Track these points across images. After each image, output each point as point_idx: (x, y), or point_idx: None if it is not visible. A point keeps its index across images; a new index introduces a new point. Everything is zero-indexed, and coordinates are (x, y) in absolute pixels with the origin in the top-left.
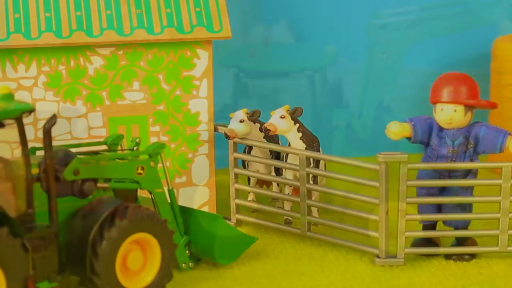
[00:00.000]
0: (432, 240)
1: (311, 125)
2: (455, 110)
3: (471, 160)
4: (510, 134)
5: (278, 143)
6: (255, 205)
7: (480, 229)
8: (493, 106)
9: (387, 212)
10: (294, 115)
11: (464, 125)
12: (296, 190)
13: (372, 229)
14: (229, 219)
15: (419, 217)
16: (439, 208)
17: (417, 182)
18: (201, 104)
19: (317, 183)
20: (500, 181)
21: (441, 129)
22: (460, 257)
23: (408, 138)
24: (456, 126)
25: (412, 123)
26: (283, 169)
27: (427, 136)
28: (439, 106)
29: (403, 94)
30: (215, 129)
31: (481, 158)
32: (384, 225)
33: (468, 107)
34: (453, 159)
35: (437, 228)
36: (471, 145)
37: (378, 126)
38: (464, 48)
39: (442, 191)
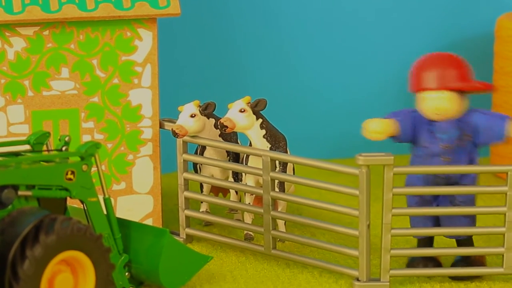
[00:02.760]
0: (433, 257)
1: (276, 120)
2: (443, 98)
3: (470, 155)
4: (509, 118)
5: (237, 142)
6: (209, 218)
7: (481, 247)
8: (490, 88)
9: (368, 226)
10: (256, 108)
11: (457, 114)
12: (258, 199)
13: (350, 246)
14: (178, 234)
15: (406, 231)
16: (436, 218)
17: (405, 189)
18: (143, 95)
19: (284, 191)
20: (505, 188)
21: (430, 122)
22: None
23: (392, 137)
24: (447, 117)
25: (397, 118)
26: (243, 174)
27: (414, 133)
28: (423, 95)
29: (386, 85)
30: (161, 126)
31: (483, 161)
32: (365, 242)
33: (459, 92)
34: (449, 157)
35: (436, 242)
36: (468, 137)
37: (358, 122)
38: (461, 28)
39: (437, 197)
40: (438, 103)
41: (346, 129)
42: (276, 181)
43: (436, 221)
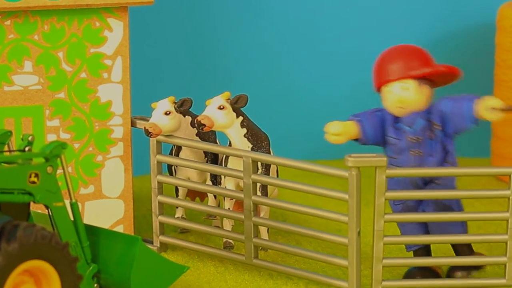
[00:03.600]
0: (431, 268)
1: (258, 118)
2: (405, 88)
3: (444, 147)
4: (478, 98)
5: (216, 142)
6: (185, 224)
7: (481, 256)
8: (456, 72)
9: (359, 233)
10: (237, 105)
11: (422, 105)
12: (239, 204)
13: (339, 256)
14: (151, 242)
15: (400, 239)
16: (425, 225)
17: (398, 193)
18: (114, 91)
19: (267, 195)
20: (508, 192)
21: (396, 118)
22: (466, 272)
23: (356, 140)
24: (412, 110)
25: (357, 119)
26: (222, 177)
27: (380, 133)
28: (384, 89)
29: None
30: (133, 124)
31: (483, 162)
32: (355, 250)
33: (421, 81)
34: (419, 150)
35: (434, 251)
36: (437, 127)
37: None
38: (459, 18)
39: (420, 202)
40: (401, 95)
41: None
42: (258, 185)
43: (426, 227)
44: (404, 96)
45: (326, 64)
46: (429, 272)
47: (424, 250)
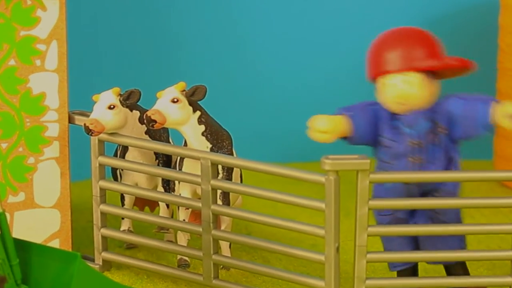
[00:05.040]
0: None
1: (219, 114)
2: (407, 82)
3: (447, 153)
4: (495, 101)
5: (169, 142)
6: (132, 238)
7: (482, 275)
8: (468, 66)
9: (338, 249)
10: (193, 98)
11: (426, 102)
12: (196, 215)
13: (314, 276)
14: (92, 260)
15: (386, 256)
16: (415, 242)
17: (384, 202)
18: (48, 81)
19: (229, 204)
20: None
21: (393, 116)
22: None
23: (347, 138)
24: (414, 107)
25: (348, 113)
26: (176, 182)
27: (373, 131)
28: (382, 81)
29: (361, 71)
30: (70, 120)
31: (485, 165)
32: (333, 269)
33: (429, 75)
34: (420, 156)
35: (425, 271)
36: (443, 130)
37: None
38: None
39: (413, 212)
40: (402, 89)
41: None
42: (219, 191)
43: (415, 244)
44: (406, 90)
45: (300, 51)
46: None
47: (411, 271)
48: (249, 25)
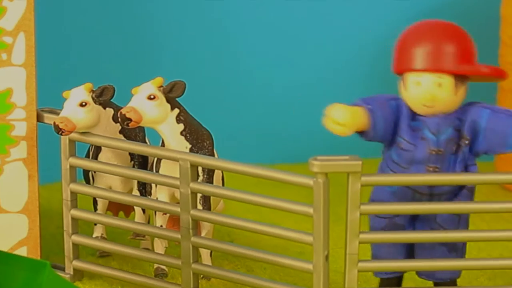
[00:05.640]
0: None
1: (199, 112)
2: (439, 84)
3: (466, 167)
4: None
5: (145, 142)
6: (105, 246)
7: (482, 286)
8: (502, 75)
9: (327, 257)
10: (171, 94)
11: (453, 107)
12: (174, 221)
13: (301, 286)
14: (62, 269)
15: (378, 265)
16: (409, 250)
17: (378, 206)
18: (15, 77)
19: (209, 209)
20: None
21: (414, 116)
22: None
23: (362, 133)
24: (441, 111)
25: (369, 106)
26: (153, 185)
27: (391, 128)
28: (411, 77)
29: (353, 66)
30: (39, 118)
31: (485, 167)
32: (322, 279)
33: (460, 78)
34: (437, 166)
35: (406, 282)
36: (466, 141)
37: (313, 117)
38: None
39: (414, 221)
40: (431, 91)
41: (297, 126)
42: (199, 195)
43: (410, 254)
44: (434, 93)
45: (286, 48)
46: None
47: (397, 280)
48: (234, 18)
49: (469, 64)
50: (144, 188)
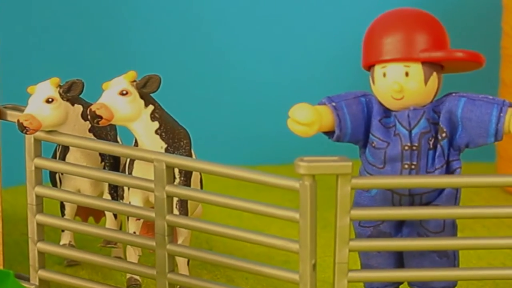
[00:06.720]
0: None
1: (176, 109)
2: (406, 73)
3: (447, 162)
4: (508, 105)
5: (116, 141)
6: (74, 254)
7: None
8: (477, 59)
9: (314, 266)
10: (146, 89)
11: (427, 99)
12: (148, 227)
13: None
14: (27, 279)
15: (370, 275)
16: (398, 258)
17: (368, 211)
18: None
19: (187, 214)
20: None
21: (386, 111)
22: None
23: (329, 133)
24: (413, 103)
25: (333, 104)
26: (126, 188)
27: (363, 127)
28: (377, 70)
29: (338, 62)
30: (2, 116)
31: (486, 168)
32: None
33: (431, 66)
34: (414, 163)
35: None
36: (444, 135)
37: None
38: None
39: (400, 227)
40: (401, 82)
41: (282, 124)
42: (175, 199)
43: (399, 262)
44: (404, 84)
45: (270, 45)
46: None
47: None
48: (217, 10)
49: (439, 49)
50: (116, 192)
